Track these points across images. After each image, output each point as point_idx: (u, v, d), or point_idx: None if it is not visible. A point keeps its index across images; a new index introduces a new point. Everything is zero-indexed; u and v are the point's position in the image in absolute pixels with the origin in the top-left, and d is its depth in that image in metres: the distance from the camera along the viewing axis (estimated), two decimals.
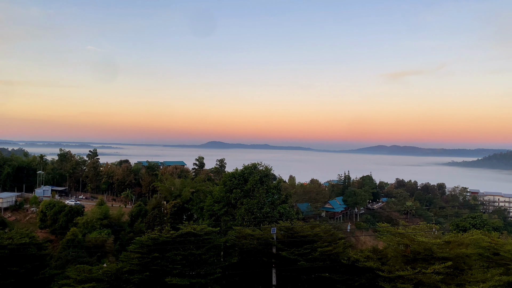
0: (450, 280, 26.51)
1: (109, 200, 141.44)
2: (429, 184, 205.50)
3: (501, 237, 46.92)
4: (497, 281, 25.04)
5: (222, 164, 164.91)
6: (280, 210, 60.28)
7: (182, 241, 32.42)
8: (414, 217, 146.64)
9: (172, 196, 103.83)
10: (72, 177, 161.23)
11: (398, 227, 34.47)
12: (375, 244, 64.31)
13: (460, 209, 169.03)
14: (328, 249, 32.18)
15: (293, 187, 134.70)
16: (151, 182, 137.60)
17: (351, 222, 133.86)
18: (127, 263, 32.28)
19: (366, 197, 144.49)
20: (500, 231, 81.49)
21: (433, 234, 34.53)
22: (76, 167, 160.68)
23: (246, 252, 35.35)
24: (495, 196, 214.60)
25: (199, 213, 80.00)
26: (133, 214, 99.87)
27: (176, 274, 30.45)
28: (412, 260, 28.54)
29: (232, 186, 62.12)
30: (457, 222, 77.48)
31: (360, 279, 30.52)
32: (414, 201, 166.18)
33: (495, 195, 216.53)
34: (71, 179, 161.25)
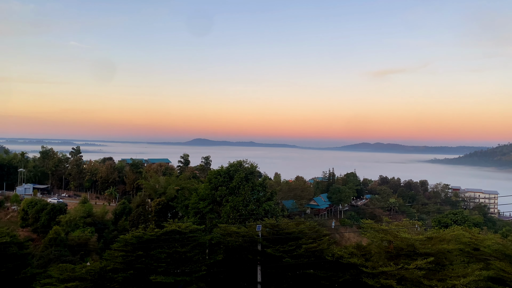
0: (432, 275, 26.95)
1: (93, 198, 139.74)
2: (412, 181, 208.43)
3: (481, 233, 47.89)
4: (477, 275, 25.56)
5: (207, 161, 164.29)
6: (266, 207, 60.43)
7: (167, 239, 32.24)
8: (397, 214, 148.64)
9: (156, 194, 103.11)
10: (55, 175, 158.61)
11: (382, 223, 34.89)
12: (359, 241, 65.02)
13: (442, 205, 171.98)
14: (312, 245, 32.39)
15: (278, 184, 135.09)
16: (136, 179, 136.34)
17: (336, 219, 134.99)
18: (111, 261, 31.94)
19: (350, 194, 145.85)
20: (480, 227, 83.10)
21: (416, 230, 35.11)
22: (58, 165, 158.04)
23: (232, 249, 35.35)
24: (475, 192, 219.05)
25: (184, 211, 79.63)
26: (117, 212, 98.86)
27: (161, 272, 30.29)
28: (395, 256, 28.92)
29: (218, 184, 62.01)
30: (439, 218, 78.74)
31: (344, 275, 30.81)
32: (397, 197, 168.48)
33: (476, 191, 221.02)
34: (53, 177, 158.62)
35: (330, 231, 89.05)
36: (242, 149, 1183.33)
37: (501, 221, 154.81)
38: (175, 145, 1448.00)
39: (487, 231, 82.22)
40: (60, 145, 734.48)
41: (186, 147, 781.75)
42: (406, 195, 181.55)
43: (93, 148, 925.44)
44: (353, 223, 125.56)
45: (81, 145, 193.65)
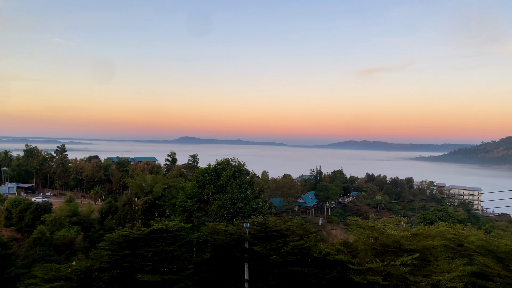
0: (417, 271, 27.30)
1: (78, 197, 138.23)
2: (397, 178, 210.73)
3: (465, 229, 48.73)
4: (461, 271, 25.97)
5: (194, 159, 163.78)
6: (253, 205, 60.49)
7: (154, 238, 32.04)
8: (384, 211, 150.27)
9: (143, 193, 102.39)
10: (39, 174, 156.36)
11: (368, 220, 35.20)
12: (346, 238, 65.52)
13: (427, 202, 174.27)
14: (300, 243, 32.52)
15: (266, 182, 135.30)
16: (122, 178, 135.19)
17: (323, 216, 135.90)
18: (97, 260, 31.60)
19: (337, 191, 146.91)
20: (465, 223, 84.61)
21: (402, 227, 35.46)
22: (43, 163, 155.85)
23: (219, 247, 35.30)
24: (460, 189, 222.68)
25: (171, 209, 79.26)
26: (103, 211, 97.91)
27: (148, 271, 30.09)
28: (381, 252, 29.21)
29: (205, 182, 61.83)
30: (424, 215, 79.80)
31: (331, 272, 31.01)
32: (384, 195, 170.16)
33: (460, 188, 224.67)
34: (38, 175, 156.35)
35: (317, 228, 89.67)
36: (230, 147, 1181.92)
37: (484, 217, 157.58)
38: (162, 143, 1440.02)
39: (471, 227, 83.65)
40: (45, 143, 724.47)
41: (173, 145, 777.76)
42: (392, 192, 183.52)
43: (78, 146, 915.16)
44: (340, 220, 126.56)
45: (66, 143, 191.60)
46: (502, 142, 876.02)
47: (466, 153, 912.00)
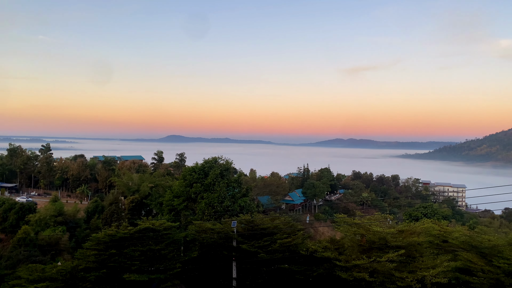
0: (403, 267, 27.65)
1: (64, 196, 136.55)
2: (384, 176, 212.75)
3: (450, 225, 49.39)
4: (445, 267, 26.40)
5: (182, 158, 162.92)
6: (241, 204, 60.46)
7: (141, 237, 31.83)
8: (370, 208, 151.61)
9: (130, 192, 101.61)
10: (23, 173, 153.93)
11: (355, 217, 35.50)
12: (333, 235, 65.98)
13: (413, 199, 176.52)
14: (287, 240, 32.65)
15: (254, 181, 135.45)
16: (108, 177, 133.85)
17: (310, 214, 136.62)
18: (83, 260, 31.31)
19: (324, 189, 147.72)
20: (449, 220, 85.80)
21: (388, 224, 35.89)
22: (27, 163, 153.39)
23: (207, 246, 35.24)
24: (444, 186, 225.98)
25: (158, 208, 78.78)
26: (89, 210, 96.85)
27: (135, 271, 29.90)
28: (368, 249, 29.50)
29: (192, 181, 61.56)
30: (409, 212, 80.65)
31: (318, 269, 31.22)
32: (370, 192, 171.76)
33: (445, 185, 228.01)
34: (22, 175, 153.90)
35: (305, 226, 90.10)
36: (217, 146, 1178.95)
37: (468, 214, 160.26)
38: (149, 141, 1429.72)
39: (456, 223, 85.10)
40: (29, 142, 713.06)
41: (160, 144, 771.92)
42: (378, 190, 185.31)
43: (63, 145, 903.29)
44: (327, 218, 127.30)
45: (51, 142, 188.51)
46: (486, 139, 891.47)
47: (450, 150, 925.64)
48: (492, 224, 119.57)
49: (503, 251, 27.18)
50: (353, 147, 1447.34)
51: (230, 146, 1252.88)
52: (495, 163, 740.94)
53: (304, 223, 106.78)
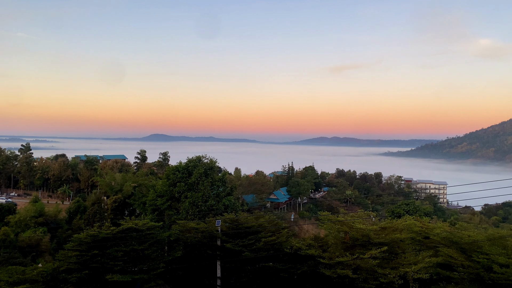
0: (385, 264, 27.98)
1: (45, 197, 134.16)
2: (367, 174, 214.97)
3: (431, 222, 50.31)
4: (427, 262, 26.81)
5: (165, 157, 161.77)
6: (225, 203, 60.30)
7: (124, 237, 31.45)
8: (354, 205, 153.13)
9: (112, 191, 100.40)
10: (3, 174, 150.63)
11: (338, 215, 35.76)
12: (317, 232, 66.36)
13: (395, 196, 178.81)
14: (271, 239, 32.70)
15: (238, 179, 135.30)
16: (90, 177, 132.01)
17: (295, 212, 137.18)
18: (64, 261, 30.75)
19: (309, 187, 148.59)
20: (431, 216, 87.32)
21: (371, 221, 36.25)
22: (6, 163, 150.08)
23: (191, 245, 35.05)
24: (426, 183, 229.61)
25: (141, 208, 78.03)
26: (71, 210, 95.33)
27: (118, 271, 29.53)
28: (351, 246, 29.76)
29: (176, 180, 61.13)
30: (392, 209, 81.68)
31: (302, 267, 31.35)
32: (353, 189, 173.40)
33: (427, 182, 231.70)
34: (1, 175, 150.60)
35: (289, 224, 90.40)
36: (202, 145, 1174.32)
37: (449, 210, 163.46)
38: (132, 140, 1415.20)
39: (437, 220, 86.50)
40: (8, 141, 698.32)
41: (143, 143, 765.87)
42: (362, 187, 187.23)
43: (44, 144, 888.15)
44: (311, 216, 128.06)
45: (31, 141, 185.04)
46: (466, 137, 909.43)
47: (432, 148, 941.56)
48: (473, 220, 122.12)
49: (482, 246, 27.75)
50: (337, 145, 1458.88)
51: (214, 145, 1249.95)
52: (475, 160, 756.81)
53: (288, 221, 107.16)
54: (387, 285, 26.93)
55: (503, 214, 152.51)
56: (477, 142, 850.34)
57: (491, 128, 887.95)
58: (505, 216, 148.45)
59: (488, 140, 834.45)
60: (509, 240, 28.59)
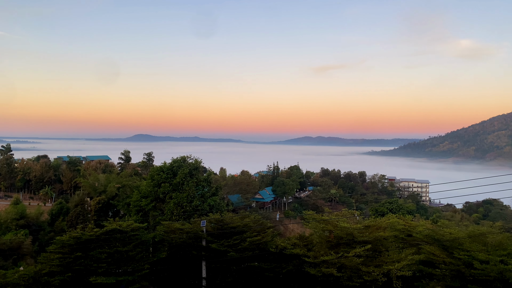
0: (369, 262, 28.32)
1: (26, 199, 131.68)
2: (351, 173, 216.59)
3: (414, 220, 50.98)
4: (410, 260, 27.24)
5: (150, 157, 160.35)
6: (211, 203, 60.13)
7: (107, 239, 31.13)
8: (338, 204, 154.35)
9: (96, 192, 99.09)
10: None
11: (323, 214, 36.05)
12: (303, 232, 66.73)
13: (379, 195, 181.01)
14: (257, 238, 32.78)
15: (224, 179, 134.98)
16: (73, 178, 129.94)
17: (280, 211, 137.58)
18: (46, 264, 30.29)
19: (294, 186, 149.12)
20: (413, 214, 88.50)
21: (355, 220, 36.63)
22: None
23: (176, 246, 34.88)
24: (409, 182, 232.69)
25: (125, 209, 77.24)
26: (53, 212, 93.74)
27: (101, 273, 29.22)
28: (336, 245, 30.04)
29: (160, 180, 60.71)
30: (376, 208, 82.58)
31: (287, 266, 31.51)
32: (338, 188, 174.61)
33: (409, 181, 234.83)
34: None
35: (275, 223, 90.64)
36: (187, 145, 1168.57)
37: (432, 208, 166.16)
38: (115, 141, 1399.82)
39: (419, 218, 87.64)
40: None
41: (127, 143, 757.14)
42: (346, 186, 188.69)
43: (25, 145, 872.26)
44: (296, 215, 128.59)
45: (11, 142, 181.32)
46: (447, 136, 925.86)
47: (414, 147, 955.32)
48: (454, 217, 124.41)
49: (463, 243, 28.31)
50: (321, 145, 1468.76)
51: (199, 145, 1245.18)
52: (456, 159, 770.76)
53: (274, 220, 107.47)
54: (371, 283, 27.27)
55: (484, 212, 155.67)
56: (458, 141, 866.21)
57: (471, 127, 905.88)
58: (486, 214, 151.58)
59: (469, 139, 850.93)
60: (489, 237, 29.23)
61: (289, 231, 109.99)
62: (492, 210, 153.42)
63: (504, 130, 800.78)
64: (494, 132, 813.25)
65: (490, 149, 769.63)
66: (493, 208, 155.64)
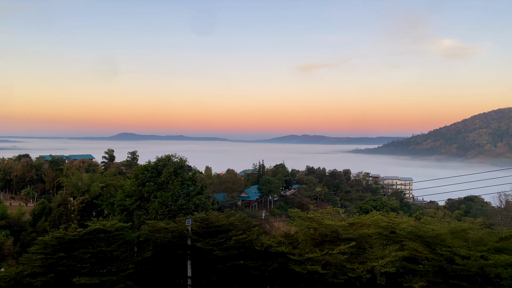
0: (354, 259, 28.62)
1: (7, 199, 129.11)
2: (336, 171, 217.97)
3: (398, 217, 51.68)
4: (393, 256, 27.59)
5: (134, 156, 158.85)
6: (196, 202, 59.87)
7: (91, 239, 30.76)
8: (323, 202, 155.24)
9: (79, 192, 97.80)
10: None
11: (308, 212, 36.27)
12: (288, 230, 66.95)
13: (363, 192, 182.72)
14: (242, 237, 32.79)
15: (209, 178, 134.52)
16: (56, 177, 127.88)
17: (266, 209, 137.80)
18: (28, 265, 29.77)
19: (280, 184, 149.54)
20: (397, 211, 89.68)
21: (340, 217, 36.95)
22: None
23: (160, 245, 34.68)
24: (393, 179, 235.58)
25: (109, 209, 76.43)
26: (35, 212, 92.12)
27: (85, 273, 28.87)
28: (321, 242, 30.25)
29: (145, 179, 60.21)
30: (360, 205, 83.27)
31: (273, 264, 31.62)
32: (323, 186, 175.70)
33: (393, 178, 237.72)
34: None
35: (261, 222, 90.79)
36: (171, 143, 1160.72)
37: (415, 205, 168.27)
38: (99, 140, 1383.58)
39: (403, 215, 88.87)
40: None
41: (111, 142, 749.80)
42: (331, 184, 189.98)
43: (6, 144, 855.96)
44: (282, 213, 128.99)
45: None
46: (430, 134, 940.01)
47: (398, 145, 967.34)
48: (437, 214, 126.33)
49: (445, 239, 28.77)
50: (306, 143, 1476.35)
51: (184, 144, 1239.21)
52: (439, 156, 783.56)
53: (260, 218, 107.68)
54: (355, 280, 27.56)
55: (465, 208, 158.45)
56: (441, 139, 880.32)
57: (453, 125, 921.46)
58: (467, 210, 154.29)
59: (451, 137, 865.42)
60: (470, 233, 29.77)
61: (275, 229, 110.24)
62: (473, 206, 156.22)
63: (485, 128, 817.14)
64: (475, 130, 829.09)
65: (471, 146, 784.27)
66: (474, 205, 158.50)
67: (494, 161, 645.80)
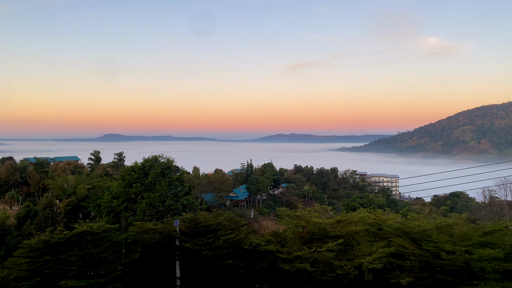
0: (341, 256, 28.86)
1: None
2: (323, 169, 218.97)
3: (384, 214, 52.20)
4: (380, 253, 27.92)
5: (120, 157, 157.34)
6: (184, 202, 59.69)
7: (78, 241, 30.45)
8: (311, 200, 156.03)
9: (65, 194, 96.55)
10: None
11: (296, 210, 36.43)
12: (277, 228, 67.19)
13: (351, 190, 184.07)
14: (231, 236, 32.81)
15: (197, 178, 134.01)
16: (41, 180, 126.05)
17: (254, 209, 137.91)
18: (14, 269, 29.36)
19: (268, 183, 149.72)
20: (384, 208, 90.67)
21: (327, 215, 37.21)
22: None
23: (148, 247, 34.49)
24: (379, 177, 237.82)
25: (96, 211, 75.72)
26: (20, 216, 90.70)
27: (72, 276, 28.55)
28: (309, 240, 30.43)
29: (132, 180, 59.81)
30: (347, 202, 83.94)
31: (261, 263, 31.70)
32: (311, 185, 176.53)
33: (380, 176, 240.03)
34: None
35: (249, 221, 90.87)
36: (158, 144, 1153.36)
37: (401, 202, 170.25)
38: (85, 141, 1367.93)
39: (390, 211, 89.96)
40: None
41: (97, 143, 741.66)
42: (319, 182, 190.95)
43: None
44: (270, 212, 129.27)
45: None
46: (416, 132, 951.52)
47: (384, 143, 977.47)
48: (423, 211, 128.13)
49: (431, 235, 29.20)
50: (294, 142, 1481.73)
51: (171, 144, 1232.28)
52: (424, 153, 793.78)
53: (248, 218, 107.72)
54: (343, 277, 27.80)
55: (451, 204, 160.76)
56: (426, 136, 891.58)
57: (438, 122, 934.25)
58: (453, 206, 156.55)
59: (436, 134, 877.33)
60: (455, 228, 30.29)
61: (263, 228, 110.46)
62: (459, 202, 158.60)
63: (469, 125, 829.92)
64: (460, 127, 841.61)
65: (456, 143, 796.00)
66: (459, 201, 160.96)
67: (478, 157, 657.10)
